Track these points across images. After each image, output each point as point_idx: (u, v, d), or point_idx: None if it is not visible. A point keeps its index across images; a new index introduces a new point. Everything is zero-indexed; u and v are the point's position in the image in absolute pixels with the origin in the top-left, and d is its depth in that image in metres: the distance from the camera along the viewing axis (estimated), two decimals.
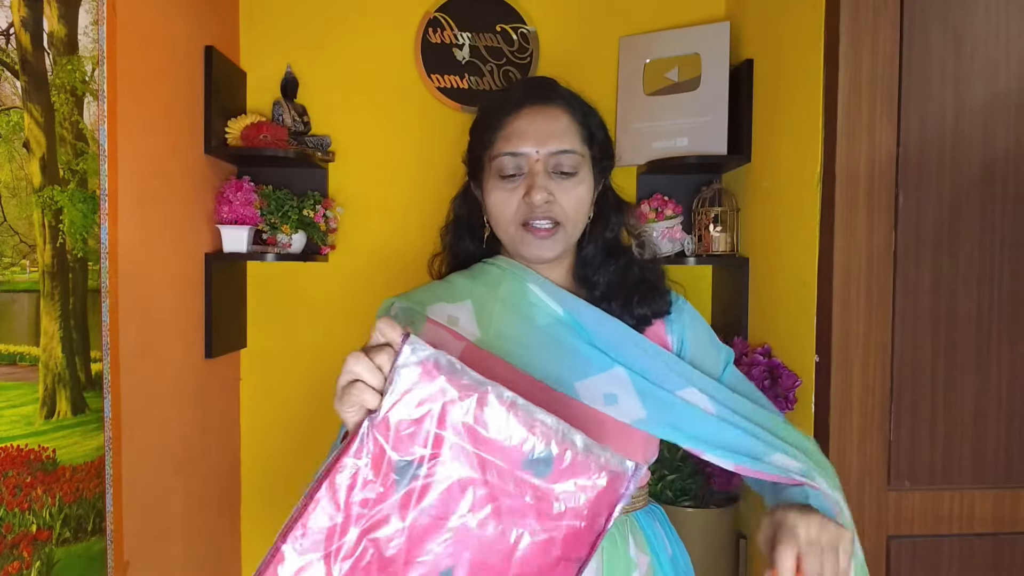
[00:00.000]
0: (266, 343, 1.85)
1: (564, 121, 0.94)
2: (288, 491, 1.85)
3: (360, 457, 0.59)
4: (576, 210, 0.94)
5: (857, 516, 1.28)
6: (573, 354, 0.91)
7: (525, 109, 0.94)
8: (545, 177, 0.92)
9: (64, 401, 1.13)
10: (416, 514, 0.60)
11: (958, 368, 1.29)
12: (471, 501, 0.61)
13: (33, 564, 1.06)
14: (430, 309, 0.96)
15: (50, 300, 1.11)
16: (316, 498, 0.58)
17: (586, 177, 0.95)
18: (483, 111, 1.01)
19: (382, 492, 0.59)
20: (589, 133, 0.96)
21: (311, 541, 0.58)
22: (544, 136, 0.92)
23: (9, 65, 1.04)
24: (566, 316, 0.94)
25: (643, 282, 0.98)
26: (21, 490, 1.05)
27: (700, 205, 1.78)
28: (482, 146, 0.98)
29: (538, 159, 0.92)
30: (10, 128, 1.04)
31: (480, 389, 0.60)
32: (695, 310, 1.04)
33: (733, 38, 1.72)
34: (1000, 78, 1.28)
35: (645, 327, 0.97)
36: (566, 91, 0.98)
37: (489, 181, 0.96)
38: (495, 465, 0.61)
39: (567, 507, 0.61)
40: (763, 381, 1.45)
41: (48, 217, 1.10)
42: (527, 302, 0.95)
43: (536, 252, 0.94)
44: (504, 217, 0.94)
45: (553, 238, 0.93)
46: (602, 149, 0.99)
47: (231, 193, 1.64)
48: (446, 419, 0.60)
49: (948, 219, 1.28)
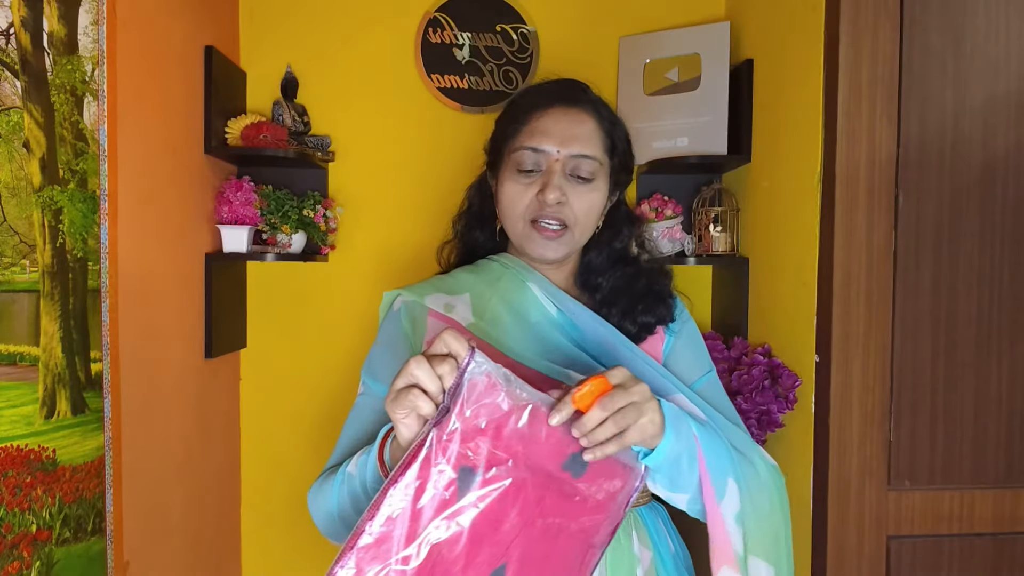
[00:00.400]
0: (266, 343, 1.85)
1: (590, 126, 0.94)
2: (288, 491, 1.85)
3: (427, 466, 0.62)
4: (586, 215, 0.94)
5: (857, 516, 1.28)
6: (556, 352, 0.91)
7: (553, 108, 0.94)
8: (561, 178, 0.92)
9: (64, 401, 1.13)
10: (476, 518, 0.63)
11: (958, 368, 1.29)
12: (522, 502, 0.65)
13: (33, 564, 1.06)
14: (428, 299, 0.96)
15: (50, 300, 1.11)
16: (382, 506, 0.61)
17: (601, 185, 0.95)
18: (512, 104, 1.01)
19: (446, 499, 0.63)
20: (612, 143, 0.97)
21: (378, 549, 0.61)
22: (568, 137, 0.92)
23: (9, 65, 1.04)
24: (559, 317, 0.94)
25: (649, 293, 0.98)
26: (21, 490, 1.05)
27: (700, 205, 1.78)
28: (504, 137, 0.98)
29: (557, 159, 0.92)
30: (10, 128, 1.04)
31: (532, 401, 0.66)
32: (694, 323, 1.04)
33: (733, 38, 1.72)
34: (1000, 78, 1.28)
35: (646, 334, 0.97)
36: (596, 98, 0.98)
37: (505, 173, 0.96)
38: (543, 468, 0.66)
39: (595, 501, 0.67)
40: (763, 381, 1.45)
41: (48, 217, 1.10)
42: (523, 298, 0.95)
43: (541, 251, 0.94)
44: (514, 211, 0.94)
45: (559, 240, 0.93)
46: (622, 162, 0.99)
47: (231, 193, 1.64)
48: (504, 428, 0.64)
49: (948, 219, 1.28)
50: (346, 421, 0.98)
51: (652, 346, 0.99)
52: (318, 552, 1.86)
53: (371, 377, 0.97)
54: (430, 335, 0.94)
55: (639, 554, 0.90)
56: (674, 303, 1.02)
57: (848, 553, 1.28)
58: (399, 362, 0.94)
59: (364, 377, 0.98)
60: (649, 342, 0.99)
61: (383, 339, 0.98)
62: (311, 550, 1.86)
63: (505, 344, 0.91)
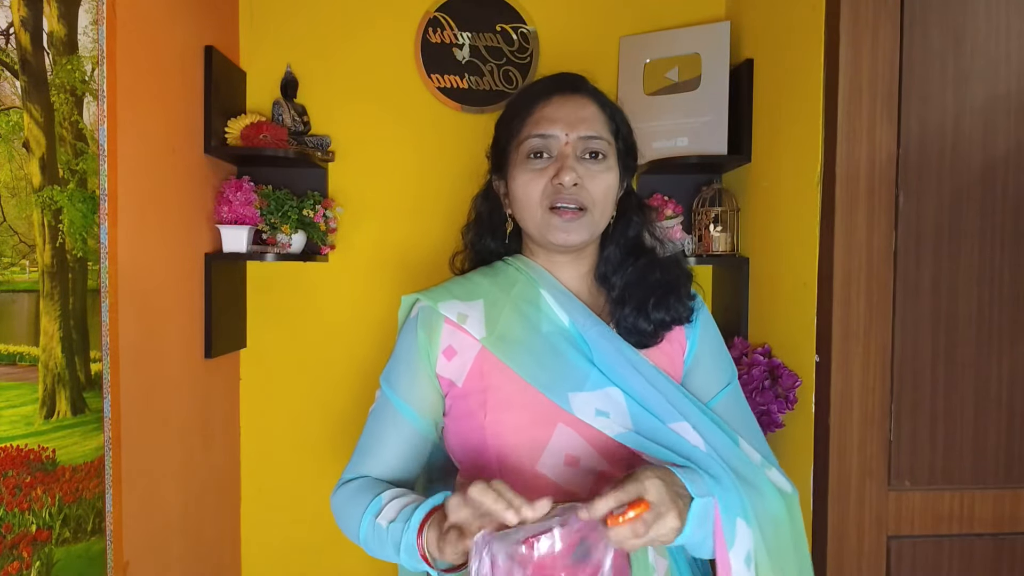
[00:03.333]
0: (266, 343, 1.85)
1: (592, 109, 0.95)
2: (288, 491, 1.85)
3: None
4: (604, 196, 0.94)
5: (857, 516, 1.28)
6: (570, 366, 0.91)
7: (555, 97, 0.95)
8: (574, 160, 0.92)
9: (64, 401, 1.13)
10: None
11: (958, 368, 1.29)
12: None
13: (33, 564, 1.06)
14: (442, 305, 0.96)
15: (50, 300, 1.11)
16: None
17: (614, 165, 0.96)
18: (511, 103, 1.02)
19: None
20: (616, 127, 0.97)
21: None
22: (575, 120, 0.93)
23: (9, 65, 1.03)
24: (571, 328, 0.94)
25: (661, 285, 0.97)
26: (21, 490, 1.05)
27: (700, 205, 1.78)
28: (509, 134, 0.98)
29: (567, 142, 0.92)
30: (10, 128, 1.04)
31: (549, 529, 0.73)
32: (713, 323, 1.03)
33: (733, 38, 1.72)
34: (1000, 78, 1.28)
35: (664, 332, 0.96)
36: (594, 87, 0.99)
37: (516, 166, 0.95)
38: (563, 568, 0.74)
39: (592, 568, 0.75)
40: (763, 381, 1.45)
41: (48, 217, 1.10)
42: (536, 307, 0.95)
43: (563, 237, 0.93)
44: (531, 200, 0.93)
45: (579, 221, 0.93)
46: (627, 144, 0.99)
47: (231, 193, 1.64)
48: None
49: (948, 219, 1.28)
50: (366, 425, 1.01)
51: (671, 351, 0.97)
52: (318, 552, 1.86)
53: (389, 387, 0.99)
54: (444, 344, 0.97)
55: (655, 564, 0.90)
56: (692, 297, 1.01)
57: (848, 553, 1.28)
58: (415, 378, 0.96)
59: (383, 384, 1.00)
60: (669, 346, 0.97)
61: (401, 351, 0.99)
62: (311, 550, 1.86)
63: (516, 358, 0.91)
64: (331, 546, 1.85)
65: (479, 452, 0.93)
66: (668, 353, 0.97)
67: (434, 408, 0.98)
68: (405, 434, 0.97)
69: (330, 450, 1.85)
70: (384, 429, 0.97)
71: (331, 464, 1.84)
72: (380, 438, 0.97)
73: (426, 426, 0.98)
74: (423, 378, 0.96)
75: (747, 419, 0.99)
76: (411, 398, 0.97)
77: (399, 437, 0.96)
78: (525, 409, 0.91)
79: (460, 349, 0.95)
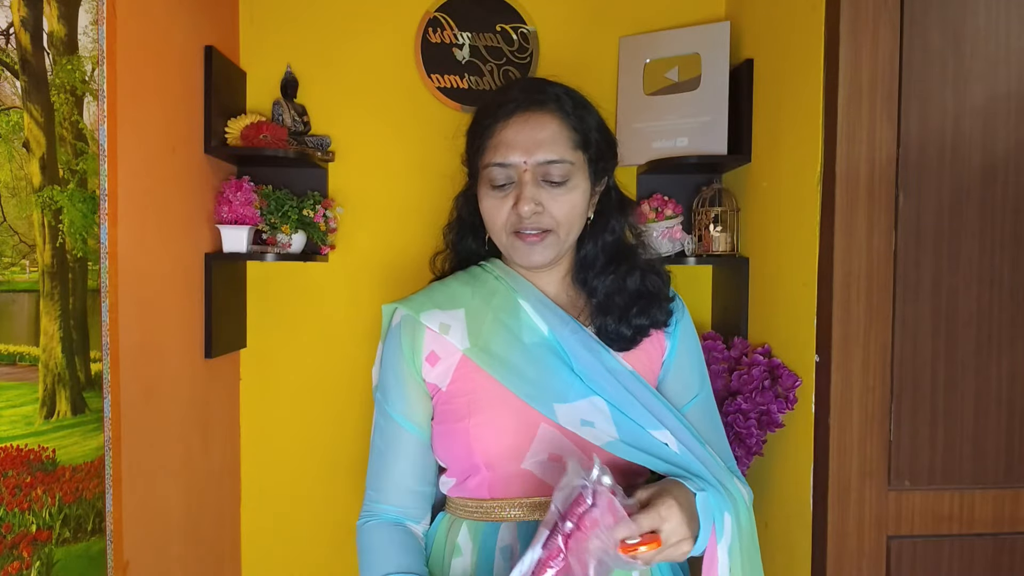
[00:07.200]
0: (266, 343, 1.85)
1: (553, 128, 0.93)
2: (288, 491, 1.85)
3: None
4: (568, 216, 0.94)
5: (857, 516, 1.28)
6: (554, 376, 0.92)
7: (514, 117, 0.94)
8: (534, 187, 0.92)
9: (64, 401, 1.13)
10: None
11: (958, 368, 1.29)
12: None
13: (33, 564, 1.06)
14: (424, 315, 0.97)
15: (50, 300, 1.11)
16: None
17: (579, 183, 0.95)
18: (476, 115, 1.02)
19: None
20: (583, 138, 0.95)
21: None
22: (532, 145, 0.92)
23: (9, 65, 1.03)
24: (550, 337, 0.95)
25: (643, 294, 0.98)
26: (21, 490, 1.05)
27: (700, 205, 1.78)
28: (475, 153, 1.00)
29: (526, 169, 0.92)
30: (10, 128, 1.04)
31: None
32: (693, 328, 1.04)
33: (733, 38, 1.72)
34: (1000, 78, 1.28)
35: (643, 337, 0.98)
36: (560, 90, 0.97)
37: (482, 189, 0.97)
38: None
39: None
40: (763, 381, 1.45)
41: (48, 217, 1.10)
42: (516, 318, 0.96)
43: (527, 258, 0.94)
44: (496, 225, 0.95)
45: (543, 243, 0.93)
46: (599, 151, 0.97)
47: (231, 193, 1.64)
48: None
49: (948, 219, 1.28)
50: (373, 443, 1.02)
51: (651, 351, 0.99)
52: (318, 552, 1.86)
53: (387, 403, 1.00)
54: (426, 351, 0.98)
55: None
56: (672, 301, 1.02)
57: (848, 553, 1.28)
58: (406, 390, 0.98)
59: (380, 401, 1.01)
60: (648, 349, 0.99)
61: (387, 362, 1.00)
62: (311, 550, 1.86)
63: (501, 371, 0.92)
64: (331, 546, 1.85)
65: (465, 453, 0.94)
66: (648, 352, 0.99)
67: (429, 414, 0.99)
68: (412, 449, 0.98)
69: (330, 450, 1.85)
70: (391, 448, 0.99)
71: (331, 464, 1.85)
72: (391, 459, 0.99)
73: (429, 435, 1.00)
74: (413, 387, 0.98)
75: (716, 428, 1.02)
76: (408, 411, 0.98)
77: (407, 454, 0.98)
78: (509, 413, 0.93)
79: (443, 355, 0.96)
